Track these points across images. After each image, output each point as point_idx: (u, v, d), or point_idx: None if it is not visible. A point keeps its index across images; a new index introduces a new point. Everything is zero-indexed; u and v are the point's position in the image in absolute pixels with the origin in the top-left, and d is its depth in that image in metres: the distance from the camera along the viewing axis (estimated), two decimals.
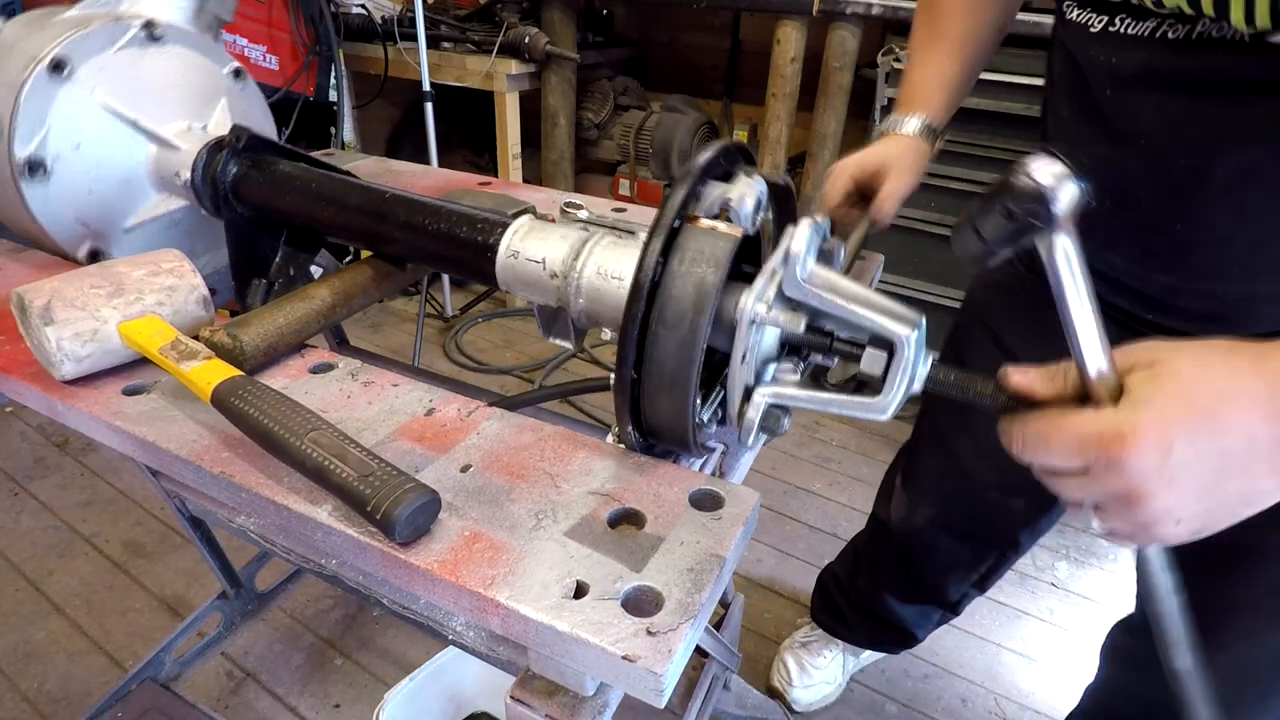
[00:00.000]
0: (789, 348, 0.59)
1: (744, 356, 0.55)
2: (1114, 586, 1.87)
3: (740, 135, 2.92)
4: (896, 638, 1.43)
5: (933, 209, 2.14)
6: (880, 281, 0.89)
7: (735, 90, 3.07)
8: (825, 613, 1.50)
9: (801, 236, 0.53)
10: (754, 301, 0.53)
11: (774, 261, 0.55)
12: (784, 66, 2.36)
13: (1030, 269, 0.94)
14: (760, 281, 0.54)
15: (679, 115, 2.83)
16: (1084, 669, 1.62)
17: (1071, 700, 1.20)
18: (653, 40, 3.23)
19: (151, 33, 0.86)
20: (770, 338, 0.57)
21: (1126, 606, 1.05)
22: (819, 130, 2.40)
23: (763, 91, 2.44)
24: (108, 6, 0.91)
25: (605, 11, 3.03)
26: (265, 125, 1.02)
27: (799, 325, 0.55)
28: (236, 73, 0.97)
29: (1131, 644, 1.05)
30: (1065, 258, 0.44)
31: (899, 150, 0.91)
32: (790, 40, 2.31)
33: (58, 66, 0.78)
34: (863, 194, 0.92)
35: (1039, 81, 0.91)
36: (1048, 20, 1.80)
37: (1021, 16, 1.85)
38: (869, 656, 1.61)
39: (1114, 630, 1.10)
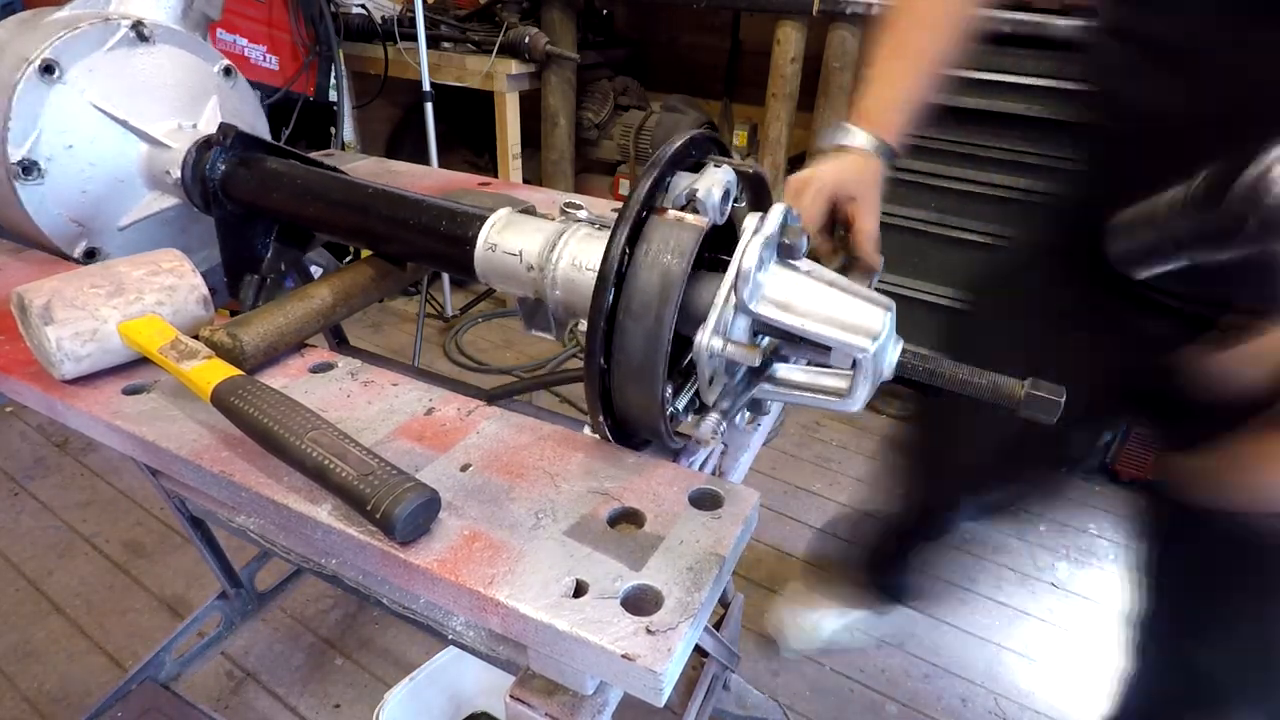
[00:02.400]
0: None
1: (711, 379, 0.56)
2: (1114, 586, 1.87)
3: (740, 135, 2.92)
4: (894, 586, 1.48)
5: (933, 209, 2.14)
6: (880, 282, 0.88)
7: (735, 90, 3.07)
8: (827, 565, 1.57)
9: (752, 254, 0.53)
10: (709, 337, 0.54)
11: (728, 280, 0.55)
12: (784, 66, 2.35)
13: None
14: (714, 314, 0.54)
15: (679, 115, 2.83)
16: (1084, 669, 1.63)
17: (1071, 699, 1.19)
18: (653, 40, 3.23)
19: (140, 33, 0.87)
20: (740, 329, 0.57)
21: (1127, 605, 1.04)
22: (819, 130, 2.40)
23: (763, 91, 2.44)
24: (97, 7, 0.91)
25: (605, 11, 3.03)
26: (256, 122, 1.02)
27: (756, 359, 0.56)
28: (226, 71, 0.97)
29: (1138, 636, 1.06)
30: None
31: (871, 177, 0.86)
32: (790, 40, 2.31)
33: (48, 69, 0.79)
34: (833, 218, 0.87)
35: (1039, 82, 0.90)
36: (1049, 20, 1.81)
37: (1021, 16, 1.85)
38: (861, 616, 1.63)
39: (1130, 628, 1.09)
